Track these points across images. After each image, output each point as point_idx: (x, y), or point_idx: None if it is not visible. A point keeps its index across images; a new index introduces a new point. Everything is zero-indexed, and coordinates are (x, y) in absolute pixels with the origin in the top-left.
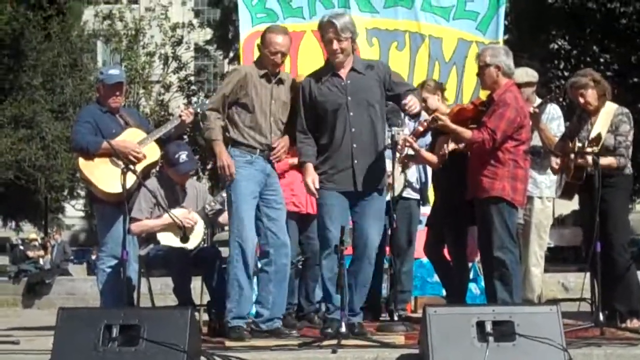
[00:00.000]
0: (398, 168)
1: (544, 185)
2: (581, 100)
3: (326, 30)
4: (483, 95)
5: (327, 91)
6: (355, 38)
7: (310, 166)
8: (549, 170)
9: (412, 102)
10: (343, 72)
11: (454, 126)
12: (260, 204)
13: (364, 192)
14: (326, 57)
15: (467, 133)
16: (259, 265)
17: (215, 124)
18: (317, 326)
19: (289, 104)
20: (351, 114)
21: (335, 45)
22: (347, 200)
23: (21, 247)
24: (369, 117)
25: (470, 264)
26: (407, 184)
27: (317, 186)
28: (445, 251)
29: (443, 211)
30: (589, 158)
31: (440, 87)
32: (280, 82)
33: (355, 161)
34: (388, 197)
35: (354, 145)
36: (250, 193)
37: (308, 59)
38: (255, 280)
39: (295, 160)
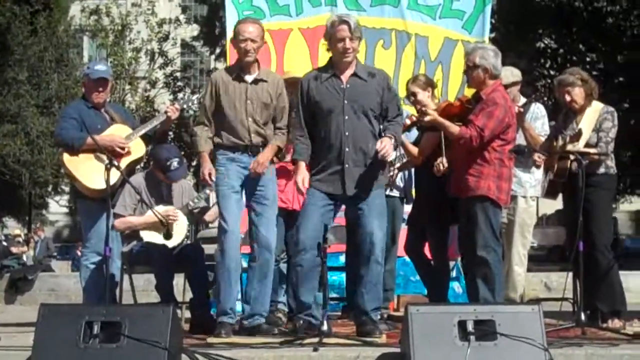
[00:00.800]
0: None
1: (529, 184)
2: (567, 98)
3: (339, 29)
4: (468, 93)
5: (325, 91)
6: (360, 41)
7: (302, 165)
8: (533, 169)
9: (384, 150)
10: (344, 76)
11: (441, 120)
12: (251, 199)
13: (357, 194)
14: (311, 57)
15: (454, 128)
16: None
17: (201, 135)
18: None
19: (273, 104)
20: (346, 117)
21: (349, 44)
22: (333, 202)
23: (4, 243)
24: (364, 123)
25: (452, 263)
26: (391, 182)
27: (307, 185)
28: (426, 250)
29: (425, 210)
30: (573, 148)
31: (431, 84)
32: (260, 81)
33: (346, 165)
34: None
35: (346, 149)
36: (229, 188)
37: (294, 56)
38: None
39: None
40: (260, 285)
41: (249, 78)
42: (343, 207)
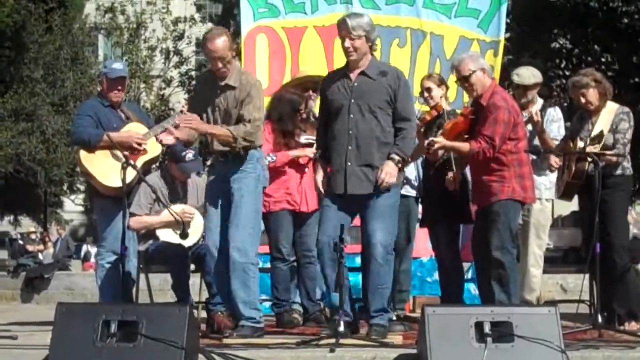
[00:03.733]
0: None
1: (543, 186)
2: (582, 99)
3: (340, 28)
4: None
5: (335, 90)
6: (371, 38)
7: (323, 165)
8: (548, 172)
9: (385, 177)
10: (354, 74)
11: (450, 144)
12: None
13: (357, 195)
14: (326, 54)
15: (465, 147)
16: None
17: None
18: (324, 326)
19: (237, 110)
20: (351, 116)
21: (347, 43)
22: (343, 202)
23: (20, 242)
24: (370, 122)
25: (468, 264)
26: (406, 181)
27: (321, 185)
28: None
29: (433, 209)
30: (592, 149)
31: (444, 84)
32: (228, 88)
33: (349, 163)
34: None
35: (349, 148)
36: (210, 198)
37: (309, 54)
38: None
39: (295, 153)
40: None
41: (220, 83)
42: None
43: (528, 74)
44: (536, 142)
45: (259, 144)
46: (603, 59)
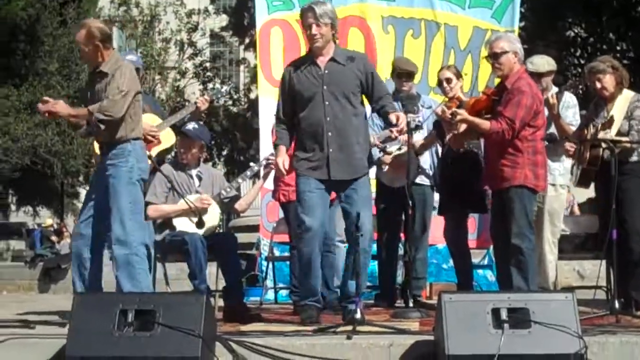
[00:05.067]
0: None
1: (557, 172)
2: (598, 85)
3: (306, 16)
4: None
5: (304, 79)
6: (336, 27)
7: (283, 148)
8: (562, 158)
9: (401, 121)
10: (322, 61)
11: (472, 118)
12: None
13: (342, 180)
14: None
15: (485, 124)
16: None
17: None
18: (341, 313)
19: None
20: (326, 103)
21: (315, 29)
22: (326, 188)
23: (40, 232)
24: (345, 107)
25: (484, 251)
26: (421, 170)
27: (287, 167)
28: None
29: (454, 199)
30: (605, 136)
31: (461, 75)
32: (102, 75)
33: (330, 150)
34: (403, 184)
35: (329, 134)
36: (89, 193)
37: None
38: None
39: None
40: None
41: (94, 75)
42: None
43: (542, 62)
44: (552, 129)
45: (135, 135)
46: (618, 47)
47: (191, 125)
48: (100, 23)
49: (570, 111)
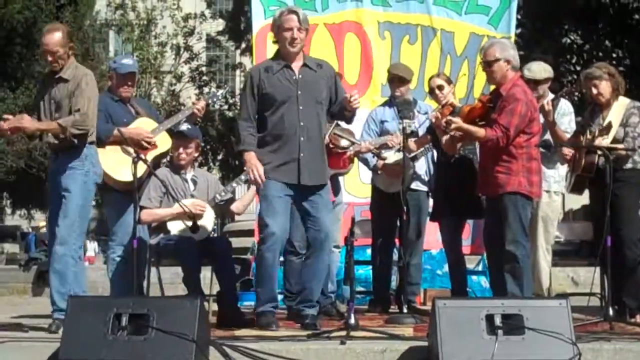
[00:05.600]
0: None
1: (552, 179)
2: (594, 91)
3: (289, 19)
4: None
5: (277, 82)
6: (307, 36)
7: (254, 155)
8: (557, 165)
9: (355, 96)
10: (295, 66)
11: (466, 126)
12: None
13: (310, 185)
14: (337, 51)
15: (480, 132)
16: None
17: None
18: (335, 319)
19: (68, 101)
20: (301, 107)
21: (296, 33)
22: (291, 192)
23: (35, 235)
24: (316, 113)
25: (479, 257)
26: (416, 176)
27: (262, 174)
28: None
29: (441, 203)
30: (602, 142)
31: (451, 81)
32: (61, 80)
33: (302, 154)
34: (399, 189)
35: (302, 139)
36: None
37: (319, 51)
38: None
39: None
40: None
41: (52, 78)
42: (365, 200)
43: (539, 69)
44: (547, 136)
45: (90, 139)
46: (614, 55)
47: (184, 126)
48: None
49: (566, 118)
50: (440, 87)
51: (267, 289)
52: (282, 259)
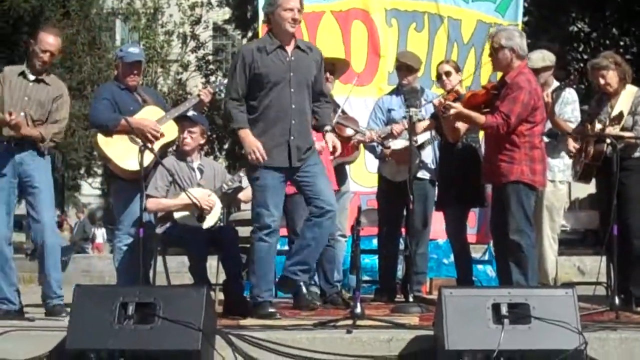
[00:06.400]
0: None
1: (557, 169)
2: (601, 81)
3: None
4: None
5: (271, 63)
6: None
7: (249, 132)
8: (562, 154)
9: (338, 151)
10: (289, 48)
11: (466, 112)
12: (24, 191)
13: (299, 165)
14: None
15: (480, 118)
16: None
17: None
18: (342, 308)
19: (50, 105)
20: (292, 90)
21: (297, 15)
22: (282, 176)
23: None
24: (305, 96)
25: (485, 246)
26: (422, 165)
27: (263, 152)
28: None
29: (446, 192)
30: (612, 131)
31: (460, 69)
32: (42, 82)
33: (292, 137)
34: (405, 178)
35: (293, 122)
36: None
37: (326, 39)
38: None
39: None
40: (46, 272)
41: (32, 77)
42: (372, 189)
43: (538, 57)
44: (548, 126)
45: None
46: (621, 43)
47: (190, 113)
48: None
49: (569, 107)
50: (448, 74)
51: (263, 280)
52: (286, 247)
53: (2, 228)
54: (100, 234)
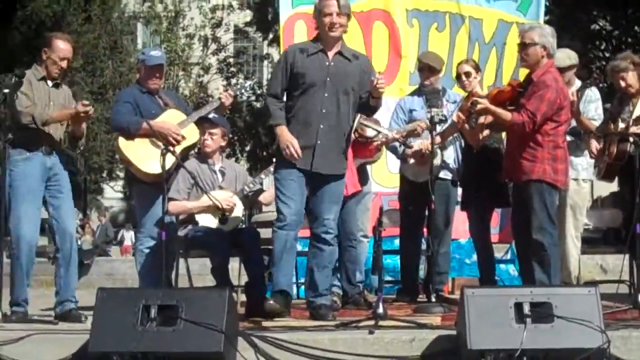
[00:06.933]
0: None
1: (580, 167)
2: (622, 83)
3: (327, 4)
4: (522, 76)
5: (310, 65)
6: (349, 22)
7: (286, 129)
8: (585, 152)
9: (382, 80)
10: (330, 53)
11: (494, 108)
12: (46, 194)
13: (321, 174)
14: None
15: (507, 115)
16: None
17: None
18: (364, 308)
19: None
20: (326, 94)
21: (336, 18)
22: (304, 178)
23: None
24: (342, 103)
25: (507, 246)
26: (444, 165)
27: (298, 148)
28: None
29: (469, 192)
30: (636, 130)
31: (479, 70)
32: (58, 85)
33: (319, 142)
34: (427, 178)
35: (321, 126)
36: (28, 191)
37: (348, 40)
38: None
39: None
40: (66, 273)
41: (51, 82)
42: (393, 190)
43: (563, 56)
44: (574, 123)
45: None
46: None
47: (211, 116)
48: None
49: (592, 105)
50: (468, 74)
51: (278, 274)
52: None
53: (33, 231)
54: (129, 236)
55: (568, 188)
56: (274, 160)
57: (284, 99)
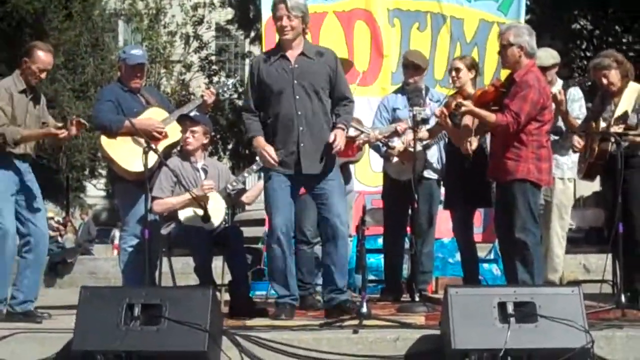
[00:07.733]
0: (419, 146)
1: (566, 166)
2: (604, 81)
3: (277, 8)
4: (504, 76)
5: (274, 72)
6: (307, 21)
7: (262, 139)
8: (570, 152)
9: (337, 144)
10: (292, 55)
11: (477, 110)
12: (19, 197)
13: (313, 175)
14: (346, 40)
15: (491, 117)
16: None
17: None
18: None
19: (41, 119)
20: (297, 97)
21: (285, 21)
22: (292, 183)
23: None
24: (315, 102)
25: (490, 245)
26: (428, 164)
27: (274, 155)
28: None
29: (453, 191)
30: (617, 129)
31: (475, 68)
32: (37, 97)
33: (302, 144)
34: (410, 177)
35: (300, 129)
36: (5, 190)
37: (329, 40)
38: None
39: None
40: (34, 274)
41: (29, 94)
42: (376, 189)
43: (547, 55)
44: (559, 122)
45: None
46: (624, 40)
47: (193, 113)
48: None
49: (576, 104)
50: (458, 70)
51: (280, 283)
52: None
53: (15, 232)
54: (119, 235)
55: (554, 187)
56: (257, 158)
57: (260, 110)
